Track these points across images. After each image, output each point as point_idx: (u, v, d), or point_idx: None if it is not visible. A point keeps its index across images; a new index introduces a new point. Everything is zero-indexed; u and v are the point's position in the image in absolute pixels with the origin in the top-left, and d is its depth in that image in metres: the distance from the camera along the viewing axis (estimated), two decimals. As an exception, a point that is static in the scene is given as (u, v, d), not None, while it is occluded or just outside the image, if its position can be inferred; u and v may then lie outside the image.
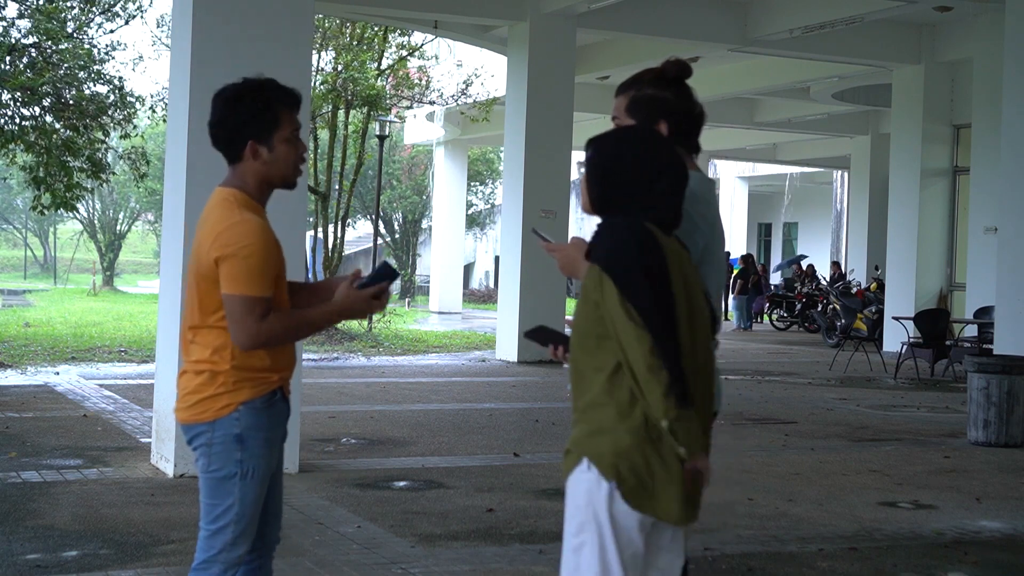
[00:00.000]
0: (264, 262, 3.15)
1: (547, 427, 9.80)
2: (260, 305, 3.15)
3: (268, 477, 3.31)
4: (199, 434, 3.26)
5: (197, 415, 3.24)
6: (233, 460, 3.23)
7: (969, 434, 9.55)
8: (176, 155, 7.36)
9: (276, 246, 3.21)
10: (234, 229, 3.16)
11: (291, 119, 3.28)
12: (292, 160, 3.29)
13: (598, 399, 2.82)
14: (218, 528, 3.25)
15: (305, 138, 3.63)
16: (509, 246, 16.26)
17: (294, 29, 7.45)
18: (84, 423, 9.25)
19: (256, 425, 3.24)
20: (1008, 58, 12.66)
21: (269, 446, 3.27)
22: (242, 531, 3.25)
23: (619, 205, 2.88)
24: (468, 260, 40.17)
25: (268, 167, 3.27)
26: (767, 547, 5.76)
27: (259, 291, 3.15)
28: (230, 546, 3.25)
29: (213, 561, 3.25)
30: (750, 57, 20.22)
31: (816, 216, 40.89)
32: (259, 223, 3.19)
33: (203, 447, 3.26)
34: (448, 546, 5.63)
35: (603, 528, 2.80)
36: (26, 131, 15.29)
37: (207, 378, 3.24)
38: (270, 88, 3.28)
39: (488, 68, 22.57)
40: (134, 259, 66.57)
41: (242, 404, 3.22)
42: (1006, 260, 12.38)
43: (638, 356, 2.71)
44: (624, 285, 2.74)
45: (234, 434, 3.22)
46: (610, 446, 2.79)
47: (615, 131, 3.01)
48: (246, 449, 3.23)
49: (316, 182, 19.90)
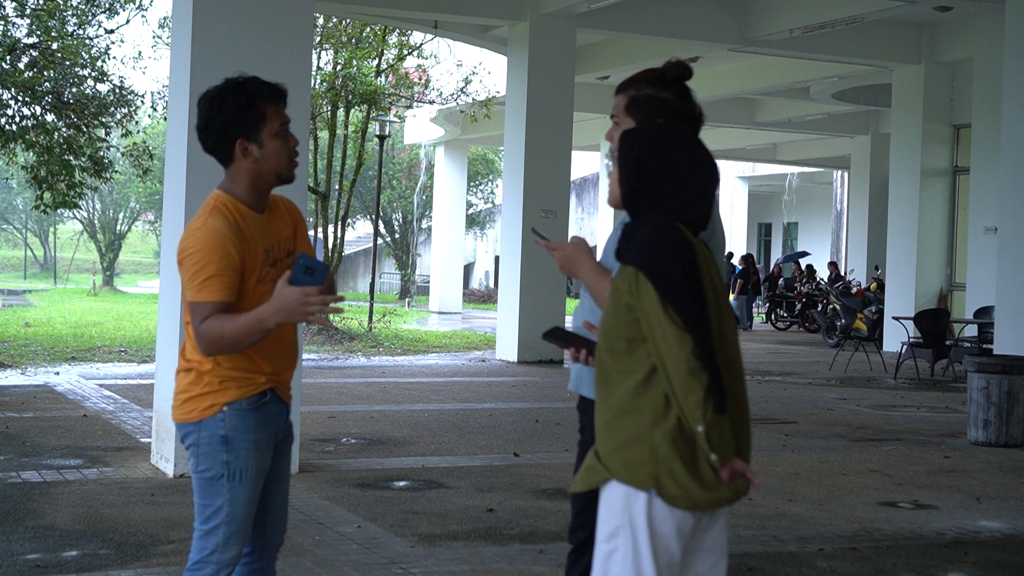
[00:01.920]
0: (212, 269, 3.10)
1: (547, 427, 9.80)
2: (203, 310, 3.11)
3: (260, 478, 3.28)
4: (188, 434, 3.26)
5: (185, 415, 3.25)
6: (220, 461, 3.21)
7: (969, 434, 9.55)
8: (176, 155, 7.37)
9: (231, 252, 3.13)
10: (190, 236, 3.15)
11: (277, 113, 3.24)
12: (284, 153, 3.25)
13: (626, 405, 2.75)
14: (210, 529, 3.23)
15: (305, 137, 3.65)
16: (509, 246, 16.26)
17: (294, 29, 7.45)
18: (84, 423, 9.25)
19: (242, 426, 3.21)
20: (1008, 58, 12.66)
21: (256, 448, 3.23)
22: (233, 532, 3.23)
23: (650, 203, 2.84)
24: (468, 260, 40.21)
25: (260, 164, 3.23)
26: (767, 547, 5.76)
27: (205, 296, 3.11)
28: (222, 547, 3.23)
29: (206, 562, 3.24)
30: (750, 57, 20.23)
31: (816, 216, 40.90)
32: (216, 229, 3.13)
33: (192, 447, 3.25)
34: (448, 546, 5.63)
35: (639, 535, 2.72)
36: (27, 130, 15.29)
37: (194, 377, 3.23)
38: (252, 84, 3.23)
39: (487, 64, 22.57)
40: (134, 259, 66.60)
41: (227, 405, 3.21)
42: (1006, 260, 12.38)
43: (679, 358, 2.65)
44: (663, 287, 2.68)
45: (219, 435, 3.20)
46: (647, 453, 2.72)
47: (650, 127, 2.95)
48: (232, 450, 3.21)
49: (316, 182, 19.90)
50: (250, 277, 3.19)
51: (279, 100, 3.26)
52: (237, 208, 3.21)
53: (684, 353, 2.65)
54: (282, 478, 3.42)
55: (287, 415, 3.37)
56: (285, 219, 3.39)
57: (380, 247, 33.61)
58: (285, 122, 3.26)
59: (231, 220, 3.17)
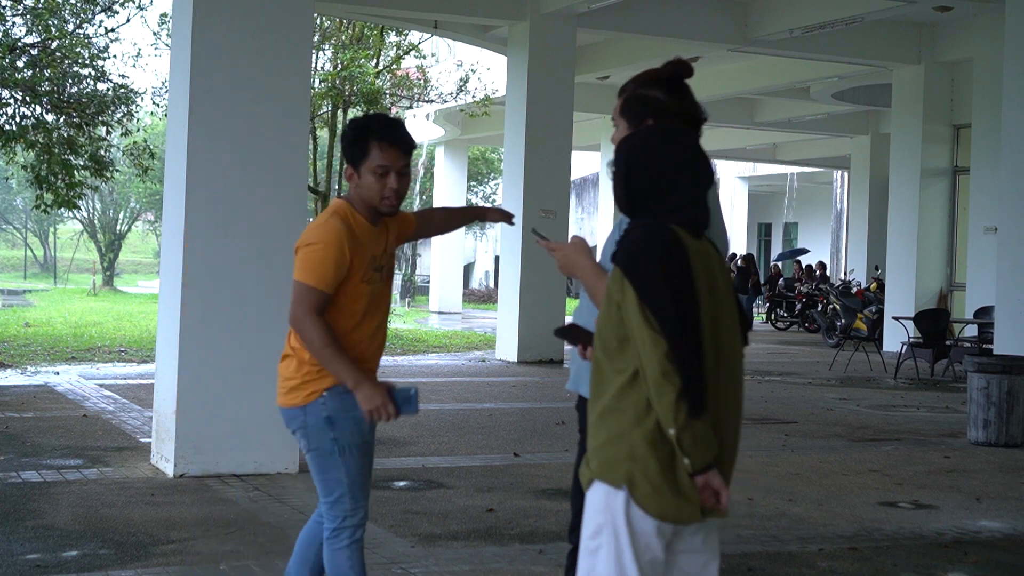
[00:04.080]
0: (326, 258, 3.55)
1: (547, 427, 9.80)
2: (312, 295, 3.56)
3: (367, 447, 3.71)
4: (293, 417, 3.69)
5: (289, 400, 3.68)
6: (328, 439, 3.65)
7: (969, 434, 9.55)
8: (176, 155, 7.36)
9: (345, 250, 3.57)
10: (314, 229, 3.63)
11: (383, 154, 3.62)
12: (377, 191, 3.64)
13: (612, 404, 2.77)
14: (335, 499, 3.69)
15: (305, 138, 3.89)
16: (509, 246, 16.26)
17: (294, 29, 7.45)
18: (84, 423, 9.25)
19: (342, 407, 3.63)
20: (1008, 58, 12.65)
21: (358, 423, 3.65)
22: (356, 496, 3.69)
23: (643, 206, 2.85)
24: (468, 260, 40.20)
25: (359, 191, 3.68)
26: (767, 547, 5.76)
27: (314, 281, 3.56)
28: (351, 512, 3.69)
29: (342, 528, 3.70)
30: (750, 57, 20.22)
31: (816, 216, 40.88)
32: (337, 227, 3.58)
33: (300, 429, 3.68)
34: (448, 546, 5.63)
35: (619, 533, 2.75)
36: (27, 129, 15.29)
37: (296, 365, 3.66)
38: (373, 122, 3.67)
39: (485, 62, 22.55)
40: (134, 259, 66.60)
41: (326, 390, 3.63)
42: (1006, 260, 12.38)
43: (652, 361, 2.68)
44: (642, 288, 2.71)
45: (324, 416, 3.63)
46: (625, 452, 2.74)
47: (637, 132, 2.97)
48: (337, 428, 3.64)
49: (316, 182, 19.90)
50: (355, 275, 3.64)
51: (392, 143, 3.63)
52: (354, 216, 3.67)
53: (658, 355, 2.67)
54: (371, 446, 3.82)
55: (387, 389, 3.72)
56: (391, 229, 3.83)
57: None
58: (387, 164, 3.63)
59: (348, 223, 3.63)
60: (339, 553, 3.70)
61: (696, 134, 3.36)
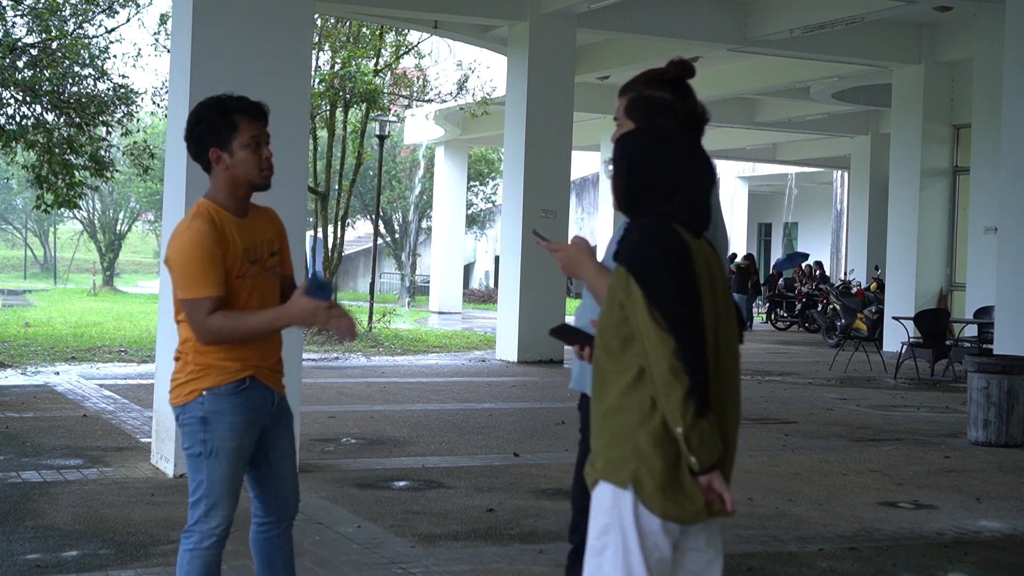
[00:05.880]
0: (202, 264, 3.47)
1: (547, 427, 9.80)
2: (206, 305, 3.48)
3: (240, 457, 3.61)
4: (177, 415, 3.64)
5: (174, 399, 3.62)
6: (198, 440, 3.57)
7: (969, 434, 9.56)
8: (176, 155, 7.36)
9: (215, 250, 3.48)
10: (177, 237, 3.53)
11: (251, 126, 3.56)
12: (254, 163, 3.57)
13: (616, 403, 2.77)
14: (195, 500, 3.61)
15: (305, 138, 3.87)
16: (509, 246, 16.26)
17: (294, 29, 7.44)
18: (84, 423, 9.25)
19: (219, 409, 3.55)
20: (1008, 58, 12.66)
21: (232, 429, 3.56)
22: (213, 504, 3.58)
23: (644, 205, 2.85)
24: (468, 260, 40.20)
25: (232, 171, 3.57)
26: (767, 547, 5.76)
27: (202, 292, 3.48)
28: (204, 517, 3.59)
29: (192, 530, 3.61)
30: (750, 57, 20.23)
31: (816, 216, 40.88)
32: (201, 228, 3.49)
33: (179, 427, 3.64)
34: (448, 546, 5.63)
35: (627, 533, 2.74)
36: (27, 129, 15.28)
37: (180, 365, 3.63)
38: (230, 100, 3.59)
39: (484, 61, 22.55)
40: (134, 259, 66.60)
41: (206, 390, 3.56)
42: (1006, 260, 12.38)
43: (661, 359, 2.67)
44: (649, 287, 2.70)
45: (198, 416, 3.56)
46: (630, 451, 2.74)
47: (639, 130, 2.96)
48: (209, 430, 3.55)
49: (316, 182, 19.89)
50: (230, 273, 3.54)
51: (256, 116, 3.58)
52: (218, 212, 3.57)
53: (666, 354, 2.67)
54: (284, 456, 3.77)
55: (273, 399, 3.69)
56: (267, 226, 3.74)
57: (380, 247, 33.60)
58: (257, 135, 3.58)
59: (212, 222, 3.53)
60: (182, 555, 3.62)
61: (699, 134, 3.36)
